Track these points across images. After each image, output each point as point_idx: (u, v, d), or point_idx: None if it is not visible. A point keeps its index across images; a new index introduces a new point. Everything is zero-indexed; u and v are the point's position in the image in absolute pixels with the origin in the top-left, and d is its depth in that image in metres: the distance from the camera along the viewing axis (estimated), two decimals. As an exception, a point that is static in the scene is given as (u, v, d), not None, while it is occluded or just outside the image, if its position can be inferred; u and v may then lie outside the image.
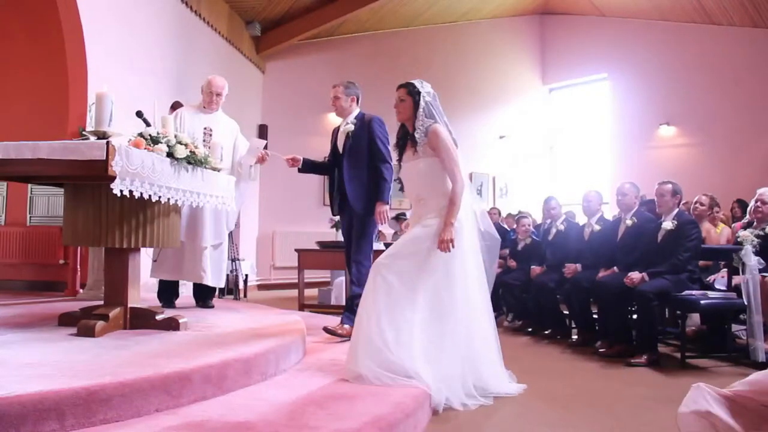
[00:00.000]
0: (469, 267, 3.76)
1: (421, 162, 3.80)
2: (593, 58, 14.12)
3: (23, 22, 7.49)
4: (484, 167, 14.30)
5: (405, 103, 3.87)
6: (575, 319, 6.24)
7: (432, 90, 3.94)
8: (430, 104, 3.84)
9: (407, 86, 3.91)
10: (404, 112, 3.89)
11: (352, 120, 5.16)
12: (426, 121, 3.79)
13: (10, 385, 2.33)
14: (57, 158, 3.36)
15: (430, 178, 3.78)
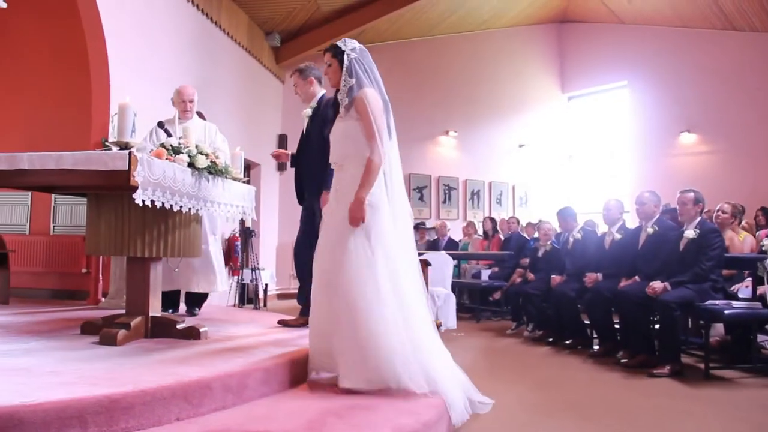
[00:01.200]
0: (394, 254, 3.42)
1: (342, 123, 3.53)
2: (612, 65, 14.04)
3: (48, 36, 7.61)
4: (503, 176, 14.28)
5: (332, 67, 3.59)
6: (596, 329, 6.19)
7: (359, 46, 3.64)
8: (355, 61, 3.53)
9: (331, 49, 3.61)
10: (333, 76, 3.60)
11: (313, 104, 4.83)
12: (349, 81, 3.48)
13: (33, 392, 2.36)
14: (80, 168, 3.40)
15: (350, 142, 3.48)
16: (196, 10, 8.52)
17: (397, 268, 3.38)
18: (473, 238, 10.97)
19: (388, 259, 3.35)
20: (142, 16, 7.16)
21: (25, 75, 7.68)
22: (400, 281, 3.38)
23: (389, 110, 3.60)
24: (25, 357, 3.12)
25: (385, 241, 3.37)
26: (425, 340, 3.39)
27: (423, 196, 13.30)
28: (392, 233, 3.44)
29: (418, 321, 3.40)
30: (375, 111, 3.42)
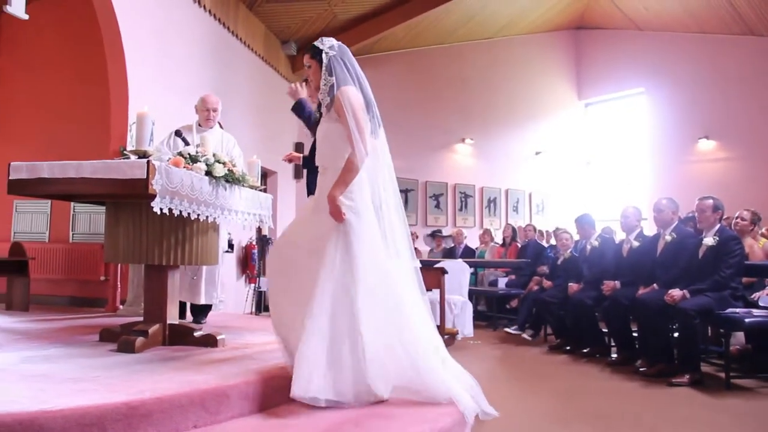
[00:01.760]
0: (382, 262, 3.29)
1: (324, 125, 3.42)
2: (630, 72, 13.98)
3: (68, 48, 7.74)
4: (520, 183, 14.25)
5: (312, 68, 3.46)
6: (614, 337, 6.14)
7: (338, 43, 3.49)
8: (334, 59, 3.39)
9: (309, 50, 3.49)
10: (314, 77, 3.47)
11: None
12: (329, 79, 3.35)
13: (53, 399, 2.38)
14: (99, 177, 3.44)
15: (329, 144, 3.37)
16: (213, 19, 8.58)
17: (387, 275, 3.26)
18: (490, 246, 10.94)
19: (376, 268, 3.21)
20: (160, 27, 7.23)
21: (46, 86, 7.79)
22: (392, 288, 3.25)
23: (373, 108, 3.48)
24: (45, 364, 3.15)
25: (370, 248, 3.24)
26: (423, 347, 3.24)
27: (439, 203, 13.28)
28: (378, 238, 3.31)
29: (416, 329, 3.27)
30: (354, 109, 3.27)
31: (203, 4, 8.21)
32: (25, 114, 7.88)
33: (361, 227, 3.23)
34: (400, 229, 3.46)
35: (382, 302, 3.18)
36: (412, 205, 12.89)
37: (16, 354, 3.47)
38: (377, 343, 3.09)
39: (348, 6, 10.51)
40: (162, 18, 7.25)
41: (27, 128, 7.81)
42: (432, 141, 13.19)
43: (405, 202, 12.46)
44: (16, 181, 3.62)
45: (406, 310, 3.26)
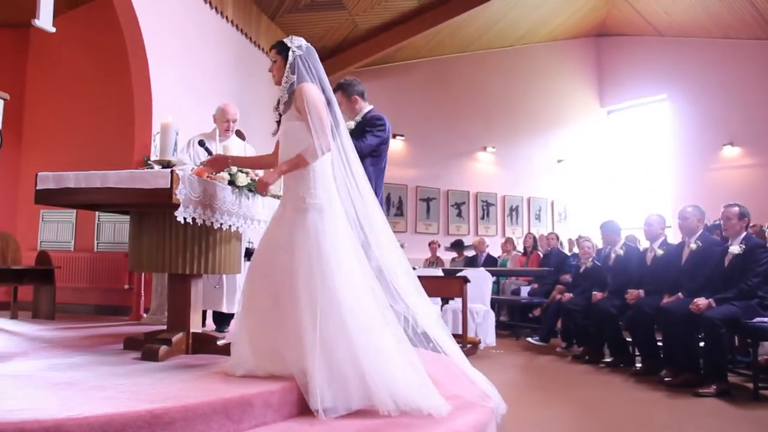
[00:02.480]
0: (348, 262, 3.21)
1: (285, 125, 3.40)
2: (652, 78, 13.88)
3: (94, 60, 7.85)
4: (542, 192, 14.17)
5: (276, 64, 3.45)
6: (639, 347, 6.07)
7: (306, 44, 3.47)
8: (300, 58, 3.38)
9: (277, 45, 3.47)
10: (277, 73, 3.45)
11: (358, 118, 4.81)
12: (290, 77, 3.35)
13: (78, 406, 2.39)
14: (124, 187, 3.47)
15: (291, 143, 3.33)
16: (235, 30, 8.67)
17: (350, 278, 3.17)
18: (512, 255, 10.88)
19: (339, 268, 3.15)
20: (184, 39, 7.31)
21: (72, 97, 7.91)
22: (356, 291, 3.17)
23: (333, 108, 3.44)
24: (71, 371, 3.18)
25: (335, 247, 3.18)
26: (388, 354, 3.13)
27: (461, 212, 13.25)
28: (344, 238, 3.25)
29: (377, 334, 3.16)
30: (315, 103, 3.26)
31: (226, 15, 8.30)
32: (52, 124, 8.01)
33: (324, 225, 3.20)
34: (380, 223, 3.41)
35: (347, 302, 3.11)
36: (434, 214, 12.88)
37: (42, 361, 3.51)
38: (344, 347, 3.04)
39: (369, 15, 10.57)
40: (185, 29, 7.33)
41: (53, 138, 7.93)
42: (453, 149, 13.18)
43: (427, 211, 12.51)
44: (43, 191, 3.66)
45: (368, 316, 3.17)
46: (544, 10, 12.66)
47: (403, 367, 3.09)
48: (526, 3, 11.96)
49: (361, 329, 3.07)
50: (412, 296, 3.33)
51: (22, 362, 3.51)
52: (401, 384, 3.00)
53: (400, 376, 3.04)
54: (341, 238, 3.23)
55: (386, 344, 3.12)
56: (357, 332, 3.05)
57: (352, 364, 2.98)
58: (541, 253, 10.10)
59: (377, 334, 3.12)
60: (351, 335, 3.03)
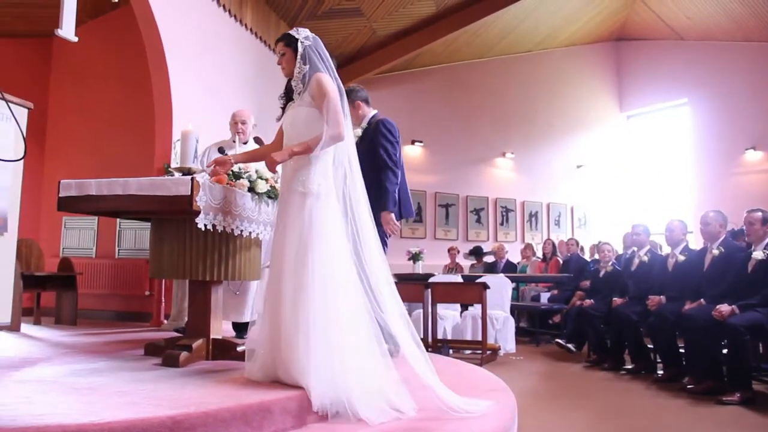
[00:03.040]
0: (340, 250, 3.20)
1: (292, 111, 3.43)
2: (672, 83, 13.77)
3: (116, 69, 7.94)
4: (561, 197, 14.11)
5: (286, 56, 3.47)
6: (660, 354, 6.01)
7: (312, 34, 3.50)
8: (310, 48, 3.41)
9: (284, 38, 3.50)
10: (287, 66, 3.48)
11: (363, 124, 4.82)
12: (303, 68, 3.38)
13: (100, 411, 2.42)
14: (145, 194, 3.51)
15: (304, 129, 3.34)
16: (254, 37, 8.73)
17: (339, 270, 3.16)
18: (532, 261, 10.83)
19: (331, 259, 3.14)
20: (203, 47, 7.38)
21: (94, 105, 8.02)
22: (343, 286, 3.15)
23: (343, 97, 3.41)
24: (93, 377, 3.21)
25: (329, 237, 3.18)
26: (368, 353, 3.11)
27: (480, 218, 13.22)
28: (338, 229, 3.23)
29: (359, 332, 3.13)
30: (334, 93, 3.29)
31: (245, 22, 8.37)
32: (74, 132, 8.12)
33: (319, 210, 3.19)
34: (366, 221, 3.35)
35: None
36: (453, 220, 12.86)
37: (65, 367, 3.55)
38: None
39: (387, 22, 10.60)
40: (204, 37, 7.40)
41: (76, 146, 8.03)
42: (472, 155, 13.16)
43: (446, 217, 12.49)
44: (66, 198, 3.70)
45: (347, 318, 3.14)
46: (562, 15, 12.62)
47: (381, 365, 3.08)
48: (544, 8, 11.93)
49: (343, 326, 3.06)
50: (390, 306, 3.28)
51: (45, 367, 3.55)
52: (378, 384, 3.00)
53: (378, 376, 3.04)
54: (335, 228, 3.22)
55: (366, 340, 3.11)
56: (338, 328, 3.04)
57: (338, 362, 2.97)
58: (561, 259, 10.05)
59: (359, 332, 3.11)
60: (335, 330, 3.03)
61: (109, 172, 4.86)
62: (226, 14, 7.91)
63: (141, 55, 6.89)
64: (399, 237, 11.68)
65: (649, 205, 14.36)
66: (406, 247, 9.68)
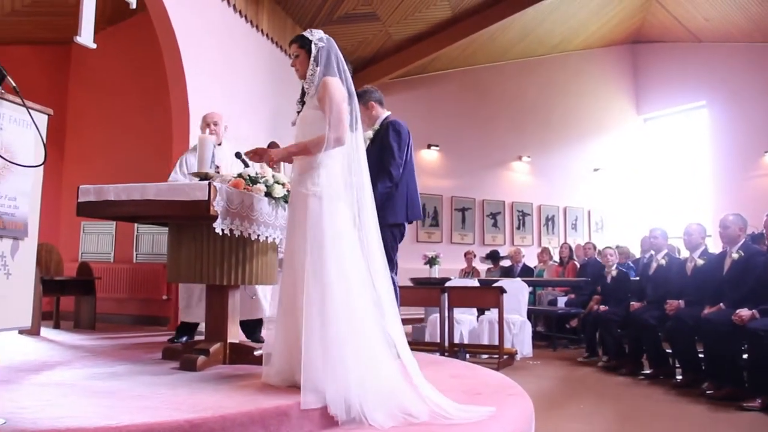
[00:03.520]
0: (347, 253, 3.18)
1: (305, 111, 3.43)
2: (690, 85, 13.67)
3: (134, 75, 8.03)
4: (578, 201, 14.04)
5: (300, 58, 3.47)
6: (679, 358, 5.95)
7: (326, 36, 3.48)
8: (323, 50, 3.41)
9: (298, 40, 3.50)
10: (301, 67, 3.48)
11: (376, 126, 4.79)
12: (315, 69, 3.37)
13: (119, 415, 2.44)
14: (163, 199, 3.54)
15: (305, 128, 3.38)
16: (270, 42, 8.77)
17: (345, 271, 3.13)
18: (548, 265, 10.78)
19: (341, 264, 3.12)
20: (220, 52, 7.42)
21: (112, 111, 8.10)
22: (351, 287, 3.13)
23: (353, 101, 3.43)
24: (111, 380, 3.24)
25: (338, 242, 3.15)
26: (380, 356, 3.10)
27: (497, 222, 13.18)
28: (349, 236, 3.22)
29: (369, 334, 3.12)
30: (337, 97, 3.28)
31: (261, 28, 8.41)
32: (93, 138, 8.20)
33: (323, 211, 3.17)
34: (372, 229, 3.34)
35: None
36: (469, 224, 12.83)
37: (84, 370, 3.58)
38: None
39: (402, 26, 10.61)
40: (221, 43, 7.44)
41: (94, 151, 8.11)
42: (488, 159, 13.13)
43: (462, 221, 12.48)
44: (85, 203, 3.74)
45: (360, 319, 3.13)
46: (578, 18, 12.57)
47: (392, 369, 3.08)
48: (560, 12, 11.89)
49: (356, 331, 3.05)
50: (390, 315, 3.24)
51: (65, 371, 3.58)
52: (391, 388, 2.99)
53: (388, 377, 3.03)
54: (344, 233, 3.20)
55: (377, 343, 3.10)
56: (352, 332, 3.03)
57: (353, 367, 2.95)
58: (578, 263, 9.99)
59: (371, 336, 3.10)
60: (348, 334, 3.01)
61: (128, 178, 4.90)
62: (242, 19, 7.95)
63: (158, 61, 6.95)
64: (415, 241, 11.69)
65: (666, 209, 14.25)
66: (422, 251, 9.66)
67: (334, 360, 2.95)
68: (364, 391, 2.88)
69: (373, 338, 3.11)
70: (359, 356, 2.99)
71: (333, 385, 2.89)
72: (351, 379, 2.90)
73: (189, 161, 5.29)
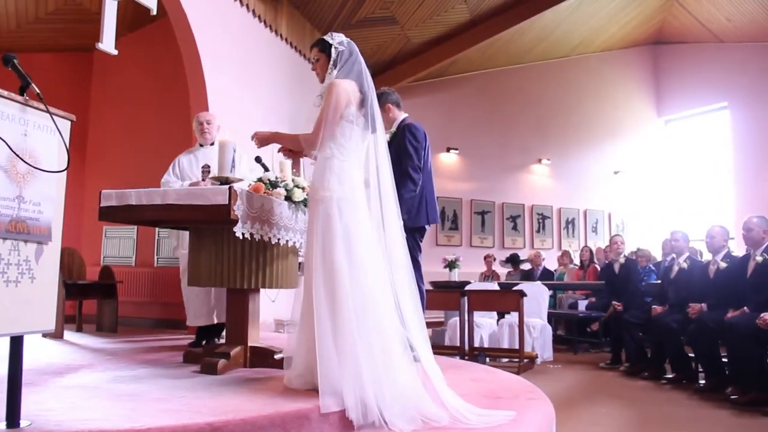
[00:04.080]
0: (363, 256, 3.15)
1: (315, 110, 3.42)
2: (711, 86, 13.52)
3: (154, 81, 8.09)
4: (598, 204, 13.95)
5: (320, 61, 3.46)
6: (702, 363, 5.88)
7: (347, 39, 3.47)
8: (343, 53, 3.40)
9: (318, 43, 3.49)
10: (321, 71, 3.47)
11: (393, 128, 4.79)
12: (333, 72, 3.38)
13: (142, 418, 2.45)
14: (183, 203, 3.56)
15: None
16: (289, 47, 8.81)
17: (361, 272, 3.12)
18: (569, 268, 10.72)
19: (350, 260, 3.10)
20: (239, 58, 7.46)
21: (132, 116, 8.18)
22: (367, 288, 3.12)
23: (369, 105, 3.41)
24: (134, 384, 3.26)
25: (354, 244, 3.14)
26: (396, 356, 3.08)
27: (517, 225, 13.13)
28: (366, 238, 3.20)
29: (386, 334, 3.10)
30: (331, 102, 3.26)
31: (280, 32, 8.45)
32: (114, 143, 8.28)
33: (332, 213, 3.15)
34: (395, 231, 3.33)
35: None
36: (489, 227, 12.80)
37: (107, 373, 3.62)
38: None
39: (421, 30, 10.62)
40: (241, 48, 7.49)
41: (115, 156, 8.20)
42: (508, 162, 13.09)
43: (482, 224, 12.44)
44: (107, 208, 3.78)
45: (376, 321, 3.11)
46: (597, 20, 12.49)
47: (410, 373, 3.06)
48: (579, 14, 11.82)
49: (374, 334, 3.04)
50: (412, 320, 3.23)
51: (88, 374, 3.62)
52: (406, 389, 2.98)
53: (406, 381, 3.01)
54: (361, 235, 3.19)
55: (394, 346, 3.08)
56: (370, 335, 3.02)
57: (371, 370, 2.94)
58: (599, 266, 9.92)
59: (390, 340, 3.09)
60: (367, 338, 3.00)
61: (148, 182, 4.96)
62: (261, 24, 8.00)
63: (178, 66, 7.01)
64: (435, 245, 11.67)
65: (688, 211, 14.10)
66: (442, 254, 9.65)
67: (347, 362, 2.95)
68: (381, 394, 2.88)
69: (390, 341, 3.09)
70: (374, 359, 2.98)
71: (349, 388, 2.88)
72: (366, 381, 2.89)
73: (182, 163, 5.29)
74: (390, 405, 2.85)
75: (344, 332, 3.00)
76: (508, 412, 3.13)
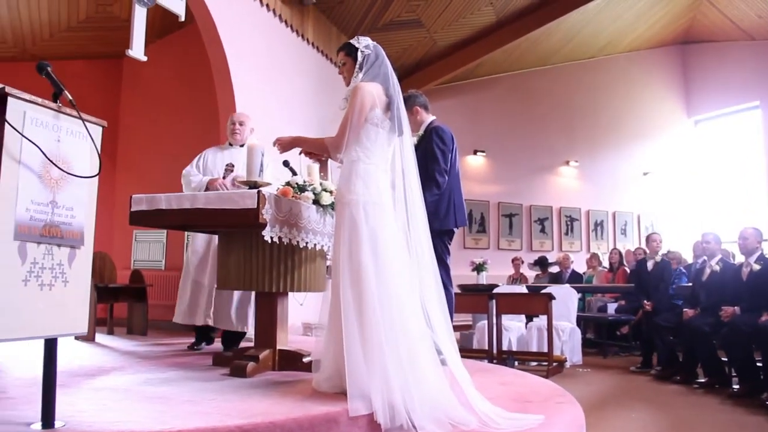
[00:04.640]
0: (389, 259, 3.14)
1: (340, 113, 3.42)
2: (742, 85, 13.30)
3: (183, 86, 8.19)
4: (627, 205, 13.80)
5: (347, 65, 3.49)
6: (735, 367, 5.78)
7: (374, 43, 3.49)
8: (369, 57, 3.41)
9: (345, 47, 3.51)
10: (348, 75, 3.48)
11: (420, 131, 4.78)
12: (359, 75, 3.38)
13: (172, 420, 2.48)
14: (212, 208, 3.59)
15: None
16: (316, 51, 8.85)
17: (388, 275, 3.10)
18: (598, 271, 10.61)
19: (376, 263, 3.09)
20: (267, 61, 7.52)
21: (162, 121, 8.28)
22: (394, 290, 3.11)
23: (395, 107, 3.39)
24: (164, 386, 3.30)
25: (381, 248, 3.13)
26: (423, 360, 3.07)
27: (545, 227, 13.03)
28: (392, 242, 3.19)
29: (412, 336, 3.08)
30: (359, 105, 3.27)
31: (306, 37, 8.49)
32: (143, 148, 8.39)
33: (359, 217, 3.15)
34: (423, 235, 3.33)
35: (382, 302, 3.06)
36: (516, 230, 12.73)
37: (138, 376, 3.66)
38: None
39: (447, 33, 10.61)
40: (268, 53, 7.54)
41: (145, 161, 8.30)
42: (536, 164, 13.01)
43: (509, 227, 12.38)
44: (137, 212, 3.83)
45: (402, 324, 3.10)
46: (624, 20, 12.37)
47: (438, 375, 3.05)
48: (606, 14, 11.72)
49: (402, 337, 3.03)
50: (439, 324, 3.23)
51: (119, 376, 3.66)
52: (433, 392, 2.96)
53: (434, 384, 3.00)
54: (387, 239, 3.18)
55: (421, 349, 3.07)
56: (398, 338, 3.01)
57: (399, 374, 2.93)
58: (628, 269, 9.80)
59: (418, 343, 3.08)
60: (395, 341, 3.00)
61: (178, 187, 5.01)
62: (288, 29, 8.05)
63: (207, 71, 7.08)
64: (462, 248, 11.63)
65: (719, 213, 13.88)
66: (469, 257, 9.61)
67: (374, 365, 2.94)
68: (410, 397, 2.87)
69: (417, 344, 3.09)
70: (401, 362, 2.97)
71: (377, 391, 2.88)
72: (393, 384, 2.88)
73: (207, 158, 5.31)
74: (418, 408, 2.84)
75: (371, 335, 3.00)
76: (537, 416, 3.11)
